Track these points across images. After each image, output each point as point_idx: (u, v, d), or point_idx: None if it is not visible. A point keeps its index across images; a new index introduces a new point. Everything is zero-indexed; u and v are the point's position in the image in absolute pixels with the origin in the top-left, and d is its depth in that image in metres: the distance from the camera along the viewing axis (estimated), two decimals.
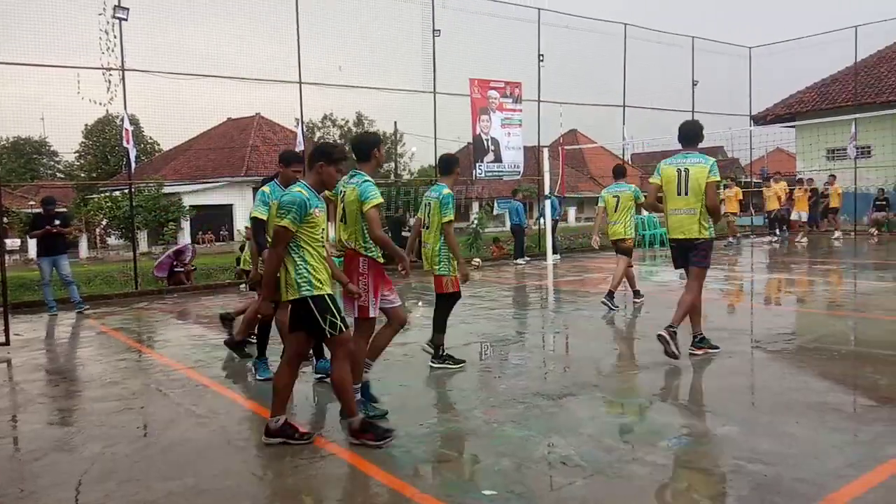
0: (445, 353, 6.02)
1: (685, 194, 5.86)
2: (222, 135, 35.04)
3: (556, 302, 10.36)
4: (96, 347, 7.75)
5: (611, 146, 31.22)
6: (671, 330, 5.73)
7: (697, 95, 21.95)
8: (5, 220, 16.30)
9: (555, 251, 16.28)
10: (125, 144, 12.76)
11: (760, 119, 24.22)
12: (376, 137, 5.01)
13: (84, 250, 27.84)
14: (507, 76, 17.54)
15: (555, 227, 16.76)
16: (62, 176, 44.44)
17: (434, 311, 6.15)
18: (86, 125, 38.86)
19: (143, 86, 13.08)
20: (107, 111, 14.14)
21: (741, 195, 19.52)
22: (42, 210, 10.45)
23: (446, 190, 5.76)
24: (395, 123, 34.12)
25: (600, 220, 9.21)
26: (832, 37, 21.82)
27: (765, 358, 6.06)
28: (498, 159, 17.45)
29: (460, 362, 5.98)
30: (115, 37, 12.14)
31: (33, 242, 12.45)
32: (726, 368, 5.69)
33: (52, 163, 46.70)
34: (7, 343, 7.61)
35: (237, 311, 7.50)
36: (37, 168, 45.31)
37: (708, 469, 3.59)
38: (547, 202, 16.23)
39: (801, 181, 19.88)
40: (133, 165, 13.69)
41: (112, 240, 31.65)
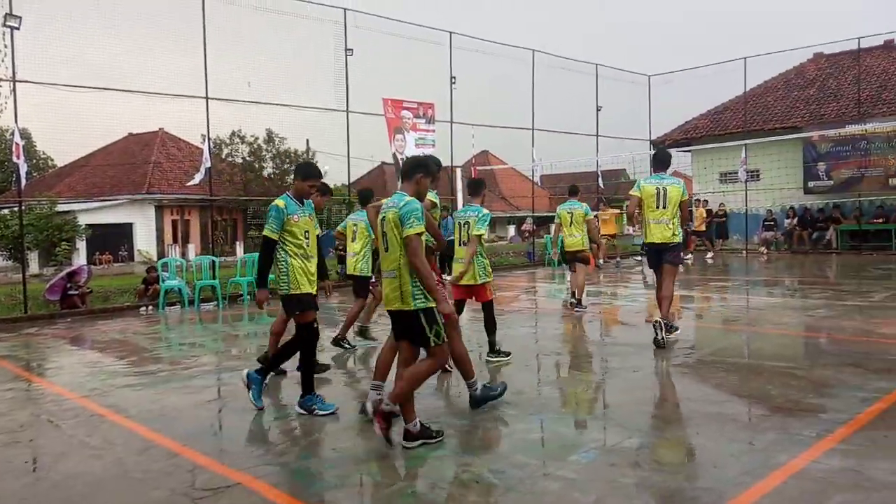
0: (499, 348, 6.88)
1: (663, 207, 7.15)
2: (123, 150, 33.50)
3: (469, 321, 10.43)
4: None
5: (521, 167, 32.04)
6: (665, 322, 7.09)
7: (601, 120, 22.90)
8: None
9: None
10: (15, 160, 11.94)
11: (659, 143, 25.45)
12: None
13: None
14: (421, 97, 17.71)
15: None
16: None
17: (485, 319, 6.87)
18: None
19: (37, 98, 12.36)
20: None
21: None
22: None
23: (486, 210, 6.57)
24: (308, 141, 33.63)
25: (556, 234, 10.40)
26: (723, 67, 23.32)
27: (667, 371, 6.32)
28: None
29: (508, 353, 6.88)
30: (6, 46, 11.42)
31: None
32: (632, 382, 5.89)
33: None
34: None
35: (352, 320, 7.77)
36: None
37: (615, 481, 3.68)
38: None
39: (698, 201, 20.93)
40: (23, 182, 12.82)
41: None
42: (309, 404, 5.10)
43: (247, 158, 33.37)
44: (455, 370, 5.62)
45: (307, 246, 5.27)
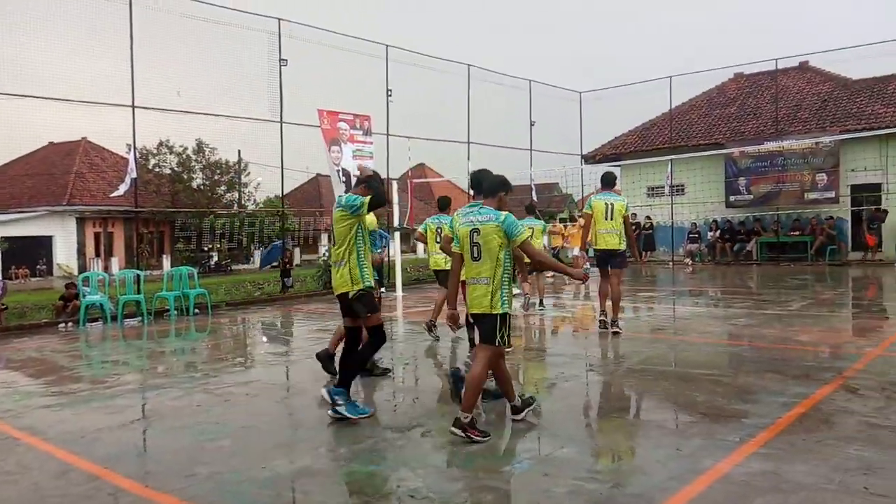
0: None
1: (611, 219, 8.65)
2: (42, 160, 32.02)
3: (406, 333, 10.41)
4: None
5: (457, 180, 32.24)
6: (614, 322, 8.68)
7: (535, 135, 23.35)
8: None
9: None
10: None
11: (590, 158, 26.16)
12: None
13: None
14: (357, 109, 17.63)
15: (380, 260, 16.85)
16: None
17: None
18: None
19: None
20: None
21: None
22: None
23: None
24: (239, 152, 33.03)
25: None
26: (650, 85, 24.30)
27: (598, 380, 6.45)
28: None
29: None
30: None
31: None
32: (564, 391, 5.99)
33: None
34: None
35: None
36: None
37: (549, 490, 3.72)
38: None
39: (573, 218, 21.36)
40: None
41: None
42: (348, 408, 5.16)
43: (175, 169, 32.42)
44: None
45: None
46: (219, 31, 15.18)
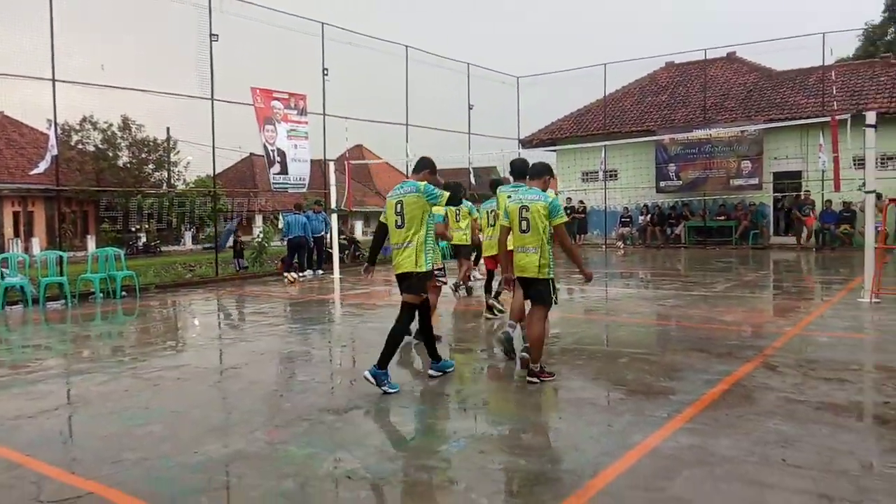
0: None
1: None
2: None
3: (344, 316, 10.33)
4: None
5: (395, 162, 32.09)
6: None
7: (473, 118, 23.40)
8: None
9: (311, 266, 16.24)
10: None
11: (527, 143, 26.44)
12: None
13: None
14: (292, 88, 17.27)
15: (318, 242, 16.65)
16: None
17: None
18: None
19: None
20: None
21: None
22: None
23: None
24: (168, 129, 31.92)
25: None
26: (586, 72, 24.61)
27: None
28: (284, 171, 17.01)
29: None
30: None
31: None
32: (502, 371, 6.08)
33: None
34: None
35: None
36: None
37: (484, 468, 3.78)
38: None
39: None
40: None
41: None
42: (384, 382, 5.37)
43: (100, 146, 31.06)
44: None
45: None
46: (145, 3, 14.56)
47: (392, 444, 4.17)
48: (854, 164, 13.53)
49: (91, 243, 27.47)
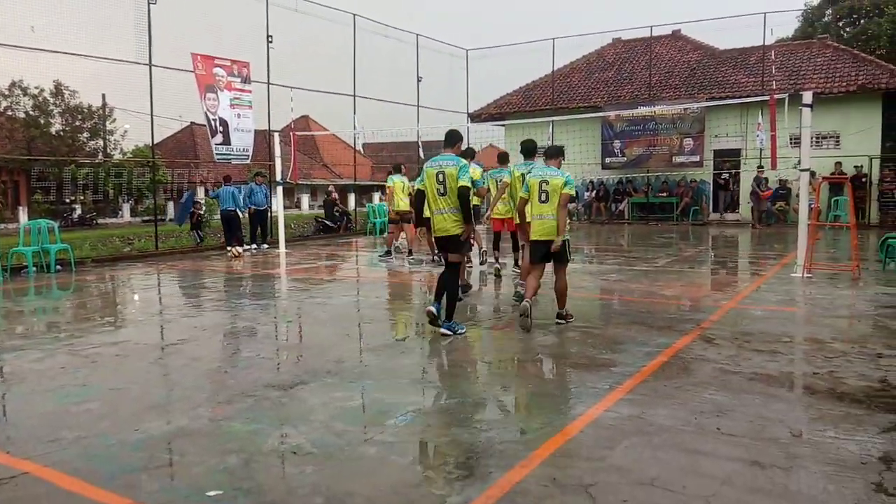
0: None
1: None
2: None
3: (290, 291, 10.21)
4: None
5: (342, 134, 31.63)
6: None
7: (422, 91, 23.20)
8: None
9: (255, 240, 15.94)
10: None
11: (476, 117, 26.39)
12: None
13: None
14: (235, 55, 16.74)
15: (261, 215, 16.20)
16: None
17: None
18: None
19: None
20: None
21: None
22: None
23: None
24: (104, 96, 30.63)
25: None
26: (535, 46, 24.68)
27: (479, 335, 6.63)
28: (227, 141, 16.54)
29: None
30: None
31: None
32: (446, 345, 6.12)
33: None
34: None
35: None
36: None
37: (431, 441, 3.82)
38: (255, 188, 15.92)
39: None
40: None
41: None
42: (454, 328, 6.38)
43: (30, 113, 29.65)
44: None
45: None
46: None
47: (338, 420, 4.17)
48: (790, 143, 13.98)
49: (23, 215, 26.33)
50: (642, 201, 23.29)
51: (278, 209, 16.11)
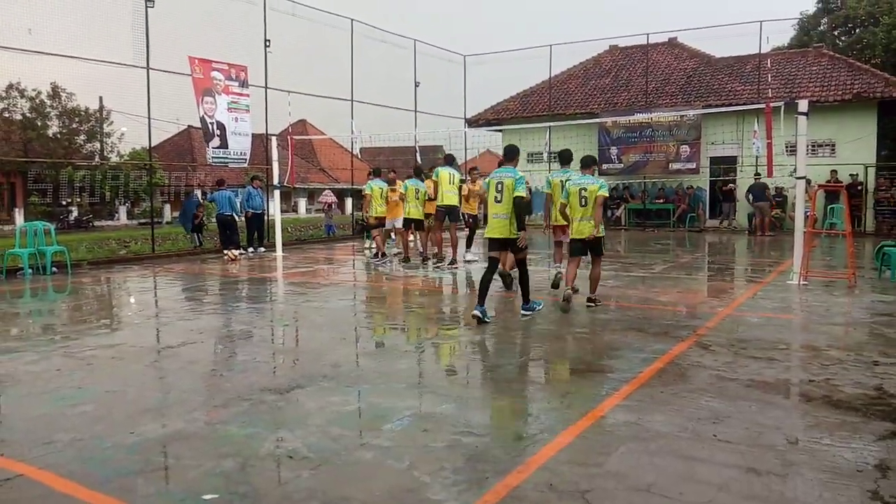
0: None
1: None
2: None
3: (286, 294, 10.20)
4: None
5: (340, 138, 31.66)
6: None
7: (419, 96, 23.24)
8: None
9: (252, 244, 15.95)
10: None
11: (473, 122, 26.44)
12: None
13: None
14: (233, 59, 16.75)
15: (258, 218, 16.22)
16: None
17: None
18: None
19: None
20: None
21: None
22: None
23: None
24: (101, 99, 30.58)
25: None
26: (532, 53, 24.77)
27: (476, 340, 6.63)
28: (224, 145, 16.53)
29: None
30: None
31: None
32: (444, 351, 6.12)
33: None
34: None
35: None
36: None
37: (427, 446, 3.81)
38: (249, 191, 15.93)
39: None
40: None
41: None
42: (534, 307, 7.56)
43: (28, 115, 29.60)
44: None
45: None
46: None
47: (335, 424, 4.16)
48: (786, 151, 14.04)
49: (19, 217, 26.26)
50: (639, 208, 23.34)
51: (275, 213, 16.10)
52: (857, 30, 31.32)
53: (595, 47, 27.31)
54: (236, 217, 15.37)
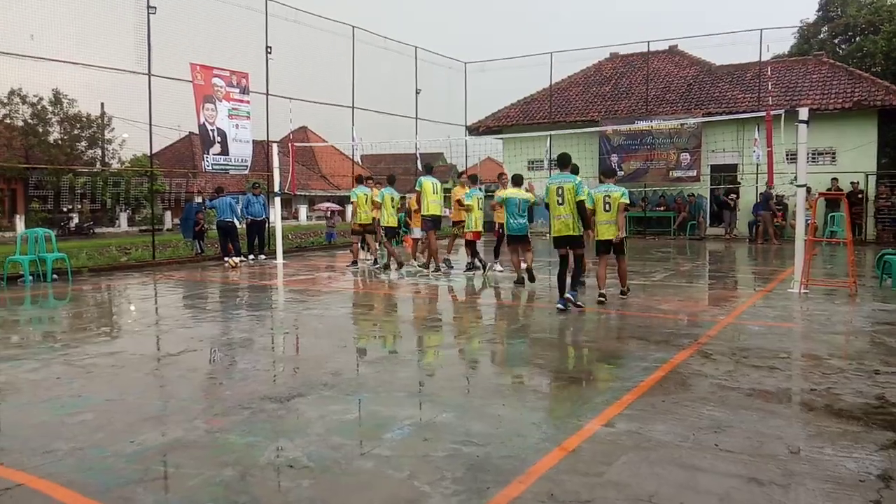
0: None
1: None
2: None
3: (287, 302, 10.19)
4: None
5: (341, 146, 31.69)
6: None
7: (420, 103, 23.29)
8: None
9: (253, 251, 15.93)
10: None
11: (474, 130, 26.48)
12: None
13: None
14: (235, 66, 16.80)
15: (259, 226, 16.19)
16: None
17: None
18: None
19: None
20: None
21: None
22: None
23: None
24: (102, 105, 30.67)
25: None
26: (533, 60, 24.79)
27: (477, 348, 6.62)
28: (225, 152, 16.55)
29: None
30: None
31: None
32: (445, 360, 6.11)
33: None
34: None
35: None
36: None
37: (427, 455, 3.80)
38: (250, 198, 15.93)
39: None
40: None
41: None
42: (575, 294, 8.43)
43: (29, 121, 29.66)
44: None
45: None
46: None
47: (335, 433, 4.15)
48: (786, 159, 14.04)
49: (20, 224, 26.27)
50: (639, 215, 23.33)
51: (276, 220, 16.10)
52: (858, 38, 31.39)
53: (595, 54, 27.39)
54: (237, 223, 15.39)
